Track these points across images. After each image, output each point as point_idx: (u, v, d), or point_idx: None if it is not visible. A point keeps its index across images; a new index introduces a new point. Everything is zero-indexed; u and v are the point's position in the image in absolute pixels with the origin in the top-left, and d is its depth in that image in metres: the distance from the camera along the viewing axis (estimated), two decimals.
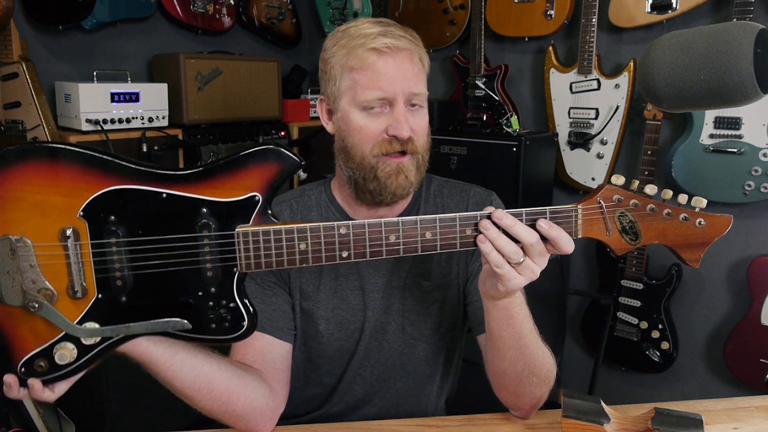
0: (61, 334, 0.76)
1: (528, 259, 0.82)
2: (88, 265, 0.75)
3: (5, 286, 0.73)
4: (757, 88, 0.82)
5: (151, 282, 0.77)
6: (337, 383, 1.16)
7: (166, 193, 0.76)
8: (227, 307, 0.79)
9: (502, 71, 2.61)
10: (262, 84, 2.70)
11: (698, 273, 2.32)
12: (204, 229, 0.76)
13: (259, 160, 0.77)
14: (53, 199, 0.73)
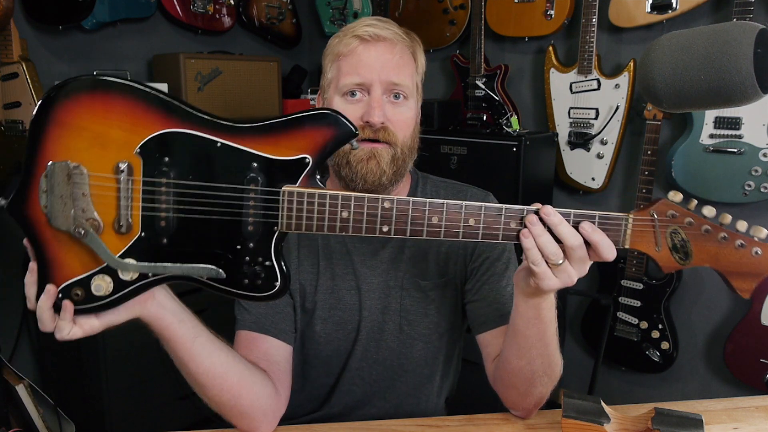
0: (101, 266, 0.77)
1: (567, 263, 0.80)
2: (137, 201, 0.76)
3: (57, 210, 0.74)
4: (757, 88, 0.82)
5: (193, 228, 0.77)
6: (335, 383, 1.16)
7: (221, 143, 0.77)
8: (263, 264, 0.79)
9: (502, 71, 2.61)
10: (262, 84, 2.70)
11: (698, 273, 2.32)
12: (252, 183, 0.77)
13: (315, 123, 0.78)
14: (114, 133, 0.75)
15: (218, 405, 0.98)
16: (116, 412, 2.16)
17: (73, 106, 0.74)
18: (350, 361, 1.14)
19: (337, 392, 1.16)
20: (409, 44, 1.08)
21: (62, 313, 0.78)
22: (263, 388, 1.00)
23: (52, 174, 0.74)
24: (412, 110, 1.08)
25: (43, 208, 0.75)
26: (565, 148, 2.48)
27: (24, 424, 2.14)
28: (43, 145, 0.74)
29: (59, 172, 0.74)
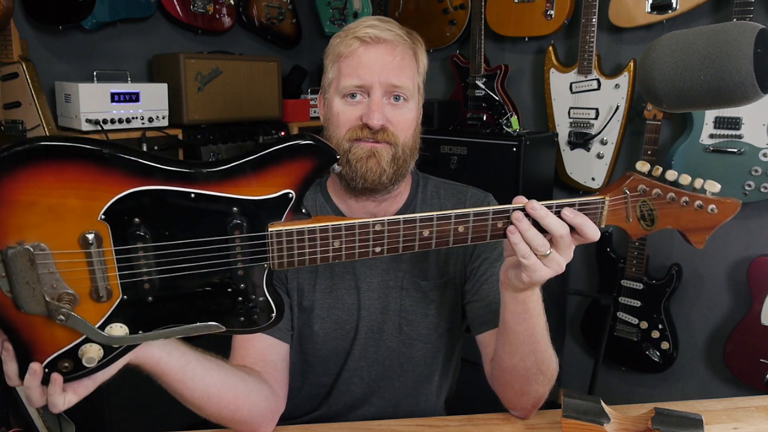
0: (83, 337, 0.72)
1: (554, 252, 0.82)
2: (112, 270, 0.70)
3: (25, 297, 0.68)
4: (757, 88, 0.82)
5: (180, 283, 0.73)
6: (334, 383, 1.16)
7: (194, 193, 0.70)
8: (256, 301, 0.77)
9: (502, 71, 2.61)
10: (262, 84, 2.70)
11: (698, 273, 2.32)
12: (236, 230, 0.72)
13: (294, 155, 0.73)
14: (70, 202, 0.66)
15: (218, 419, 0.99)
16: (116, 412, 2.16)
17: (15, 182, 0.64)
18: (349, 361, 1.14)
19: (336, 392, 1.16)
20: (410, 45, 1.08)
21: (52, 388, 0.72)
22: (259, 393, 1.00)
23: (11, 261, 0.66)
24: (412, 111, 1.08)
25: (6, 292, 0.67)
26: (565, 148, 2.48)
27: (24, 424, 2.14)
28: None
29: (19, 258, 0.66)
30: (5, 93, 2.07)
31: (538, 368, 0.98)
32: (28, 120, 2.04)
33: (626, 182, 0.86)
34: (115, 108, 2.20)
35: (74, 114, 2.15)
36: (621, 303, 2.35)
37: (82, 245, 0.68)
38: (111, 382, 0.84)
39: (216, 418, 0.98)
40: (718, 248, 2.25)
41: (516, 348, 0.96)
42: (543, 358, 0.97)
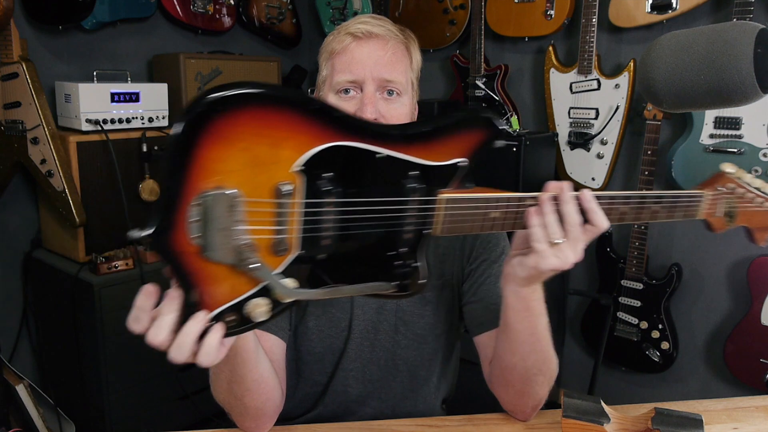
0: (256, 289, 0.70)
1: (566, 242, 0.82)
2: (295, 223, 0.69)
3: (217, 244, 0.65)
4: (757, 88, 0.82)
5: (351, 242, 0.74)
6: (329, 382, 1.15)
7: (381, 153, 0.72)
8: (411, 266, 0.78)
9: (502, 71, 2.61)
10: None
11: (698, 273, 2.32)
12: (411, 193, 0.74)
13: (469, 125, 0.77)
14: (271, 151, 0.66)
15: (245, 408, 0.97)
16: (116, 412, 2.16)
17: (228, 123, 0.63)
18: (343, 360, 1.14)
19: (331, 391, 1.16)
20: (402, 40, 1.08)
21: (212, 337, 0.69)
22: (277, 384, 1.01)
23: (210, 206, 0.64)
24: (406, 106, 1.08)
25: (194, 239, 0.65)
26: (565, 148, 2.48)
27: (24, 424, 2.15)
28: (193, 169, 0.63)
29: (220, 204, 0.65)
30: (5, 93, 2.07)
31: (538, 368, 0.97)
32: (28, 120, 2.04)
33: (719, 180, 0.95)
34: (115, 108, 2.21)
35: (74, 114, 2.15)
36: (621, 303, 2.35)
37: (276, 195, 0.67)
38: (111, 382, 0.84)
39: (246, 406, 0.96)
40: (718, 248, 2.26)
41: (517, 347, 0.96)
42: (544, 358, 0.97)
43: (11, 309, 2.38)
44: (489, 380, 1.08)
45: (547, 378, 0.99)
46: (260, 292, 0.70)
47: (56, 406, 2.23)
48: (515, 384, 1.01)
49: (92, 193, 2.15)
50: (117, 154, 2.16)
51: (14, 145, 2.09)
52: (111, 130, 2.18)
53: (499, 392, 1.06)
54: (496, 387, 1.06)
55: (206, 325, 0.68)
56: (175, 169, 0.63)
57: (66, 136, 2.10)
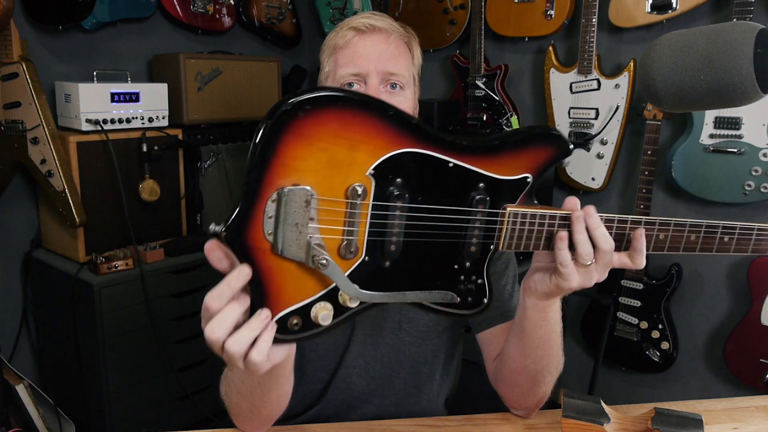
0: (322, 293, 0.71)
1: (593, 265, 0.80)
2: (364, 226, 0.71)
3: (290, 239, 0.67)
4: (757, 88, 0.82)
5: (417, 250, 0.75)
6: (332, 378, 1.15)
7: (452, 163, 0.74)
8: (475, 282, 0.78)
9: (502, 71, 2.61)
10: (262, 84, 2.70)
11: (698, 273, 2.32)
12: (479, 204, 0.76)
13: (540, 142, 0.77)
14: (348, 153, 0.69)
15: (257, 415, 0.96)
16: (116, 412, 2.16)
17: (310, 123, 0.66)
18: (346, 357, 1.14)
19: (333, 388, 1.16)
20: (404, 35, 1.10)
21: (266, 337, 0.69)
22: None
23: (287, 201, 0.66)
24: (409, 100, 1.09)
25: (268, 235, 0.67)
26: None
27: (24, 424, 2.15)
28: (273, 166, 0.65)
29: (297, 199, 0.67)
30: (5, 93, 2.07)
31: (548, 370, 0.99)
32: (28, 120, 2.04)
33: None
34: (115, 108, 2.20)
35: (74, 114, 2.15)
36: (621, 303, 2.35)
37: (349, 195, 0.70)
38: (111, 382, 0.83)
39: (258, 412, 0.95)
40: None
41: (530, 352, 0.97)
42: (556, 360, 0.99)
43: (11, 309, 2.38)
44: (493, 378, 1.08)
45: (554, 377, 1.01)
46: (326, 296, 0.72)
47: (56, 406, 2.23)
48: (523, 384, 1.01)
49: (92, 193, 2.15)
50: (117, 154, 2.16)
51: (14, 145, 2.09)
52: (111, 130, 2.18)
53: (503, 391, 1.06)
54: (501, 386, 1.06)
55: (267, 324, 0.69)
56: (257, 164, 0.65)
57: (66, 136, 2.10)
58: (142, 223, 2.30)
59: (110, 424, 2.15)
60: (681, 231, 0.82)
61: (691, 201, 2.26)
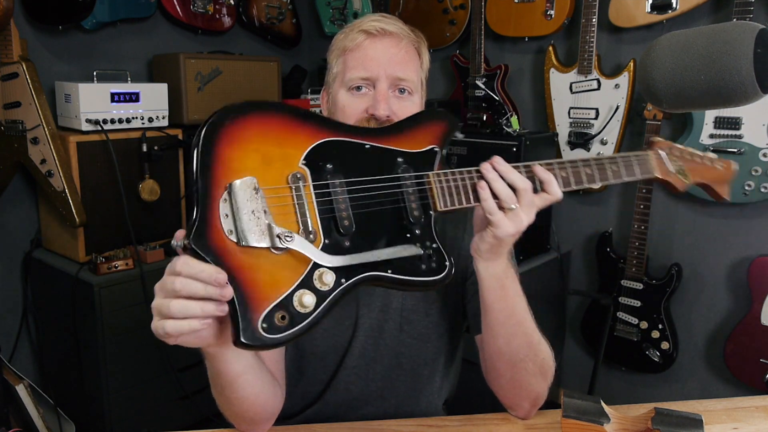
0: (298, 281, 0.74)
1: (518, 207, 0.87)
2: (313, 209, 0.78)
3: (250, 228, 0.72)
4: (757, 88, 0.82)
5: (369, 223, 0.82)
6: (331, 380, 1.15)
7: (369, 145, 0.86)
8: (431, 247, 0.85)
9: (502, 71, 2.61)
10: (262, 84, 2.70)
11: (698, 273, 2.32)
12: (405, 172, 0.86)
13: (431, 118, 0.92)
14: (277, 150, 0.78)
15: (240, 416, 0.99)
16: (116, 412, 2.16)
17: (238, 129, 0.75)
18: (347, 359, 1.14)
19: (333, 389, 1.16)
20: (414, 40, 1.10)
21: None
22: (272, 387, 1.01)
23: (236, 193, 0.72)
24: (416, 105, 1.09)
25: (229, 233, 0.71)
26: (565, 148, 2.48)
27: (24, 424, 2.15)
28: (215, 169, 0.72)
29: (246, 188, 0.73)
30: (5, 93, 2.07)
31: (525, 353, 0.98)
32: (28, 120, 2.04)
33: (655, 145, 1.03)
34: (115, 108, 2.20)
35: (74, 114, 2.15)
36: (621, 303, 2.35)
37: (290, 182, 0.77)
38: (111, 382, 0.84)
39: (238, 413, 0.98)
40: (718, 248, 2.26)
41: (498, 329, 0.97)
42: (528, 342, 0.98)
43: (11, 309, 2.38)
44: (486, 375, 1.08)
45: (537, 366, 1.00)
46: (302, 284, 0.74)
47: (56, 406, 2.23)
48: (505, 372, 1.02)
49: (92, 193, 2.15)
50: (117, 154, 2.16)
51: (14, 145, 2.09)
52: (111, 130, 2.18)
53: (494, 385, 1.07)
54: (490, 380, 1.07)
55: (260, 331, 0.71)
56: (200, 172, 0.72)
57: (66, 136, 2.10)
58: (142, 223, 2.30)
59: (110, 424, 2.15)
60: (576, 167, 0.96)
61: (690, 201, 2.26)
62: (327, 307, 0.76)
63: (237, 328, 0.69)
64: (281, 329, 0.72)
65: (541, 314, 1.00)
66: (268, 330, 0.71)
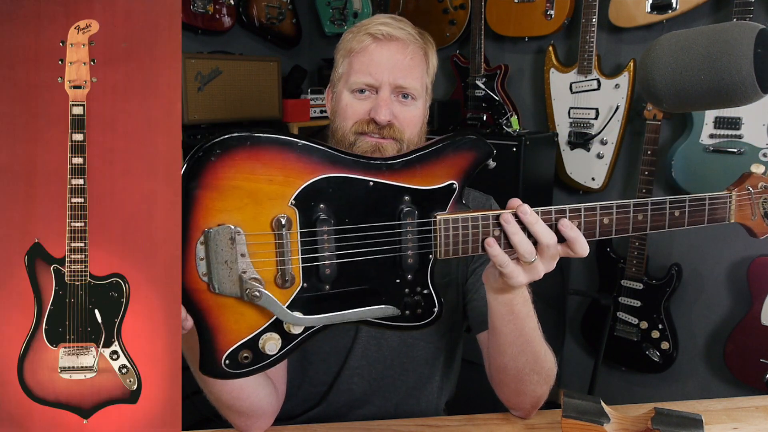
0: (266, 324, 0.75)
1: (538, 260, 0.80)
2: (296, 254, 0.74)
3: (222, 277, 0.72)
4: (757, 88, 0.82)
5: (353, 270, 0.77)
6: (334, 381, 1.16)
7: (372, 181, 0.77)
8: (421, 293, 0.80)
9: (502, 71, 2.61)
10: (262, 84, 2.70)
11: (698, 273, 2.32)
12: (407, 216, 0.78)
13: (457, 149, 0.79)
14: (266, 188, 0.72)
15: (219, 408, 1.00)
16: None
17: (222, 167, 0.70)
18: (349, 359, 1.14)
19: (335, 389, 1.16)
20: (421, 45, 1.09)
21: None
22: (267, 388, 1.01)
23: (212, 240, 0.71)
24: (419, 109, 1.09)
25: (203, 276, 0.72)
26: (565, 148, 2.48)
27: None
28: (195, 211, 0.70)
29: (222, 237, 0.71)
30: None
31: (531, 368, 0.98)
32: None
33: (747, 180, 0.88)
34: None
35: None
36: (621, 303, 2.35)
37: (274, 228, 0.73)
38: None
39: (219, 404, 0.99)
40: (718, 248, 2.26)
41: (505, 348, 0.96)
42: (535, 358, 0.97)
43: None
44: (490, 379, 1.08)
45: (542, 377, 1.00)
46: (271, 326, 0.75)
47: None
48: (510, 383, 1.02)
49: None
50: None
51: None
52: None
53: (497, 390, 1.07)
54: (494, 386, 1.07)
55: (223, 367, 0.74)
56: (183, 211, 0.69)
57: None
58: None
59: None
60: (625, 212, 0.82)
61: None
62: (294, 347, 0.77)
63: (202, 359, 0.73)
64: (244, 366, 0.75)
65: (541, 314, 0.99)
66: (230, 366, 0.74)
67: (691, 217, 0.85)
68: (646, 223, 0.83)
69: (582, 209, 0.81)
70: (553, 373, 1.02)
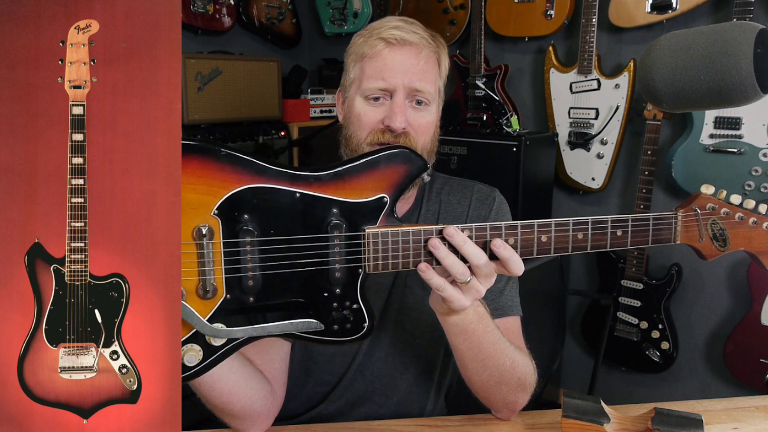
0: (187, 335, 0.74)
1: (474, 279, 0.80)
2: (219, 264, 0.73)
3: None
4: (757, 88, 0.82)
5: (279, 282, 0.76)
6: (339, 381, 1.16)
7: (299, 193, 0.75)
8: (350, 308, 0.79)
9: (502, 71, 2.61)
10: (262, 84, 2.70)
11: (698, 273, 2.32)
12: (335, 230, 0.76)
13: (388, 162, 0.78)
14: (188, 197, 0.71)
15: (211, 408, 1.01)
16: None
17: None
18: (356, 359, 1.14)
19: (339, 389, 1.16)
20: (434, 49, 1.08)
21: None
22: (258, 391, 1.01)
23: None
24: (433, 115, 1.08)
25: None
26: (565, 148, 2.48)
27: None
28: None
29: None
30: None
31: (495, 381, 0.98)
32: None
33: (695, 200, 0.86)
34: None
35: None
36: (621, 303, 2.35)
37: (195, 237, 0.72)
38: None
39: (210, 407, 0.99)
40: None
41: (465, 363, 0.97)
42: (500, 372, 0.97)
43: None
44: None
45: (512, 387, 0.99)
46: (192, 337, 0.73)
47: None
48: (478, 393, 1.02)
49: None
50: None
51: None
52: None
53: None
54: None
55: None
56: None
57: None
58: None
59: None
60: (564, 231, 0.80)
61: None
62: (217, 359, 0.76)
63: None
64: None
65: (541, 314, 0.99)
66: None
67: (635, 237, 0.82)
68: (586, 243, 0.80)
69: (519, 227, 0.79)
70: (528, 380, 1.01)
